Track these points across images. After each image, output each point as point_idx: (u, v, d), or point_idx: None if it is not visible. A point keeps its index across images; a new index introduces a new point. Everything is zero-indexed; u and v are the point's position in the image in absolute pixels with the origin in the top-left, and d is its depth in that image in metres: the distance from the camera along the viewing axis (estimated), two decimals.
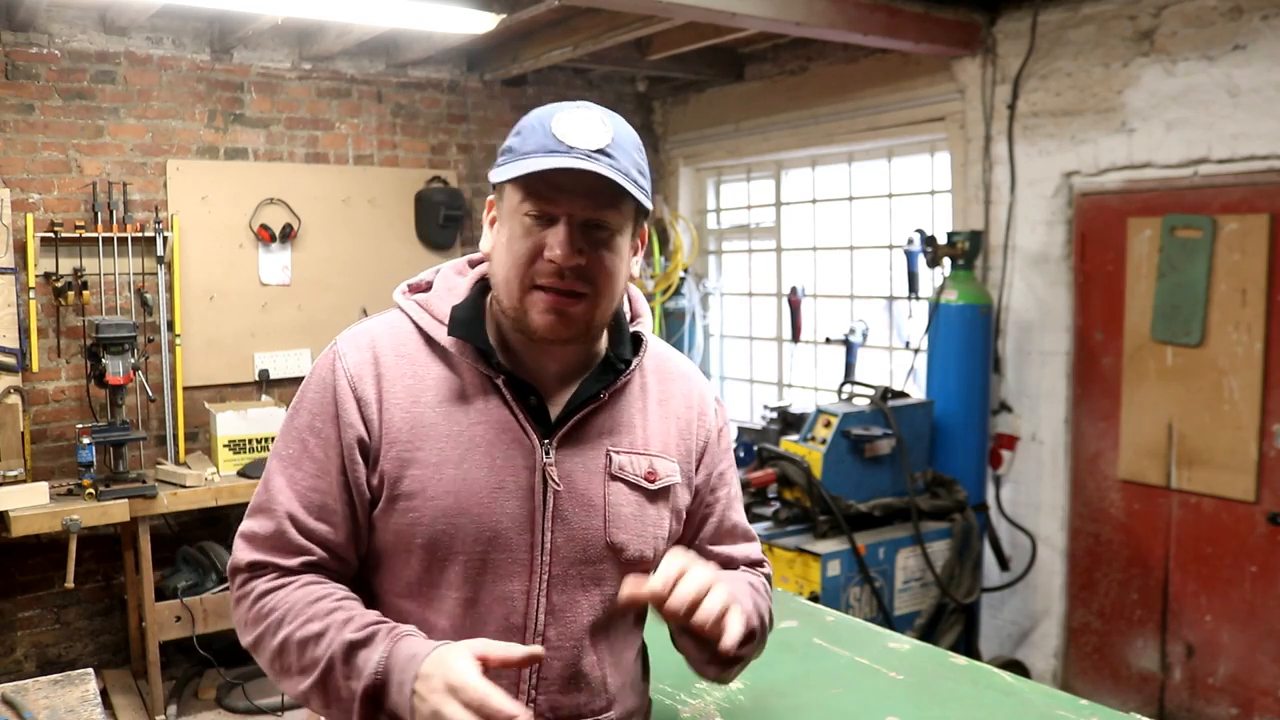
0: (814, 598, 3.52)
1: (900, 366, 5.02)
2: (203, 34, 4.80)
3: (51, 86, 4.47)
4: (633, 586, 1.19)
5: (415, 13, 3.94)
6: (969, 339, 4.14)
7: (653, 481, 1.34)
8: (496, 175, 1.24)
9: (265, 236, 4.95)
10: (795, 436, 4.01)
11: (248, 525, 1.30)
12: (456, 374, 1.29)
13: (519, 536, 1.26)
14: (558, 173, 1.18)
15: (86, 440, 4.08)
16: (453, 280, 1.36)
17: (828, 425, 3.83)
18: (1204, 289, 3.72)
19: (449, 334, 1.28)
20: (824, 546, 3.59)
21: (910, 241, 4.42)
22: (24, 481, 4.09)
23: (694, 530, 1.44)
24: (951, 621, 3.89)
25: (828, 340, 4.91)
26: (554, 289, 1.22)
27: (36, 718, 1.70)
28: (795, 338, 5.25)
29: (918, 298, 4.53)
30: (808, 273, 5.63)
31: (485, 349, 1.28)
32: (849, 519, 3.70)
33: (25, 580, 4.55)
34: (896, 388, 4.18)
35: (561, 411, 1.30)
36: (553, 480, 1.27)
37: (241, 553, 1.29)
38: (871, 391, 4.03)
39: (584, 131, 1.22)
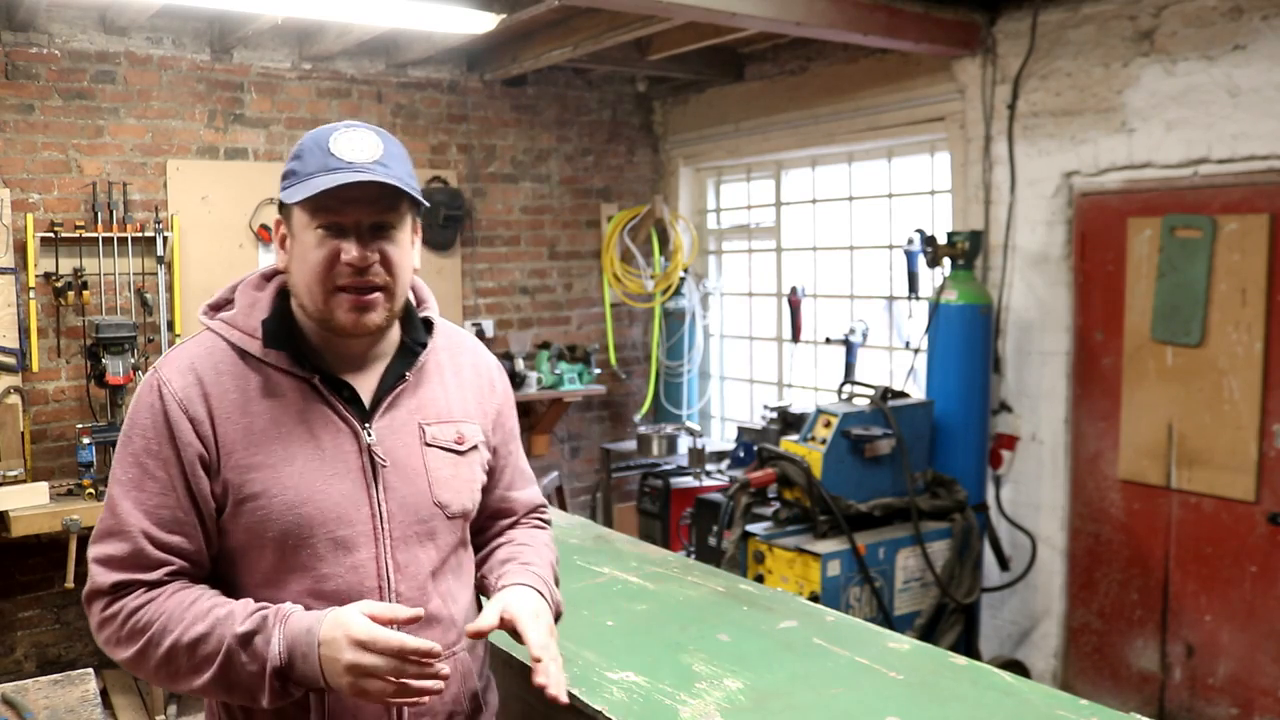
0: (814, 598, 3.52)
1: (900, 366, 5.02)
2: (203, 34, 4.80)
3: (51, 86, 4.48)
4: (473, 629, 1.42)
5: (415, 13, 3.94)
6: (969, 339, 4.14)
7: (461, 445, 1.53)
8: (290, 197, 1.37)
9: (265, 236, 4.95)
10: (795, 436, 4.01)
11: (101, 550, 1.37)
12: (274, 381, 1.42)
13: (358, 512, 1.42)
14: (343, 187, 1.33)
15: (86, 440, 4.09)
16: (253, 295, 1.48)
17: (828, 425, 3.83)
18: (1204, 289, 3.72)
19: (265, 346, 1.42)
20: (824, 546, 3.59)
21: (910, 241, 4.42)
22: (24, 481, 4.09)
23: (495, 480, 1.66)
24: (951, 621, 3.89)
25: (828, 340, 4.91)
26: (354, 288, 1.38)
27: (36, 718, 1.70)
28: (795, 338, 5.25)
29: (918, 298, 4.53)
30: (808, 273, 5.63)
31: (297, 355, 1.43)
32: (849, 519, 3.70)
33: (25, 580, 4.55)
34: (896, 388, 4.18)
35: (373, 397, 1.47)
36: (379, 458, 1.44)
37: (101, 577, 1.36)
38: (871, 391, 4.03)
39: (359, 148, 1.38)
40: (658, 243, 6.18)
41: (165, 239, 4.63)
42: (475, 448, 1.56)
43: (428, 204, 1.44)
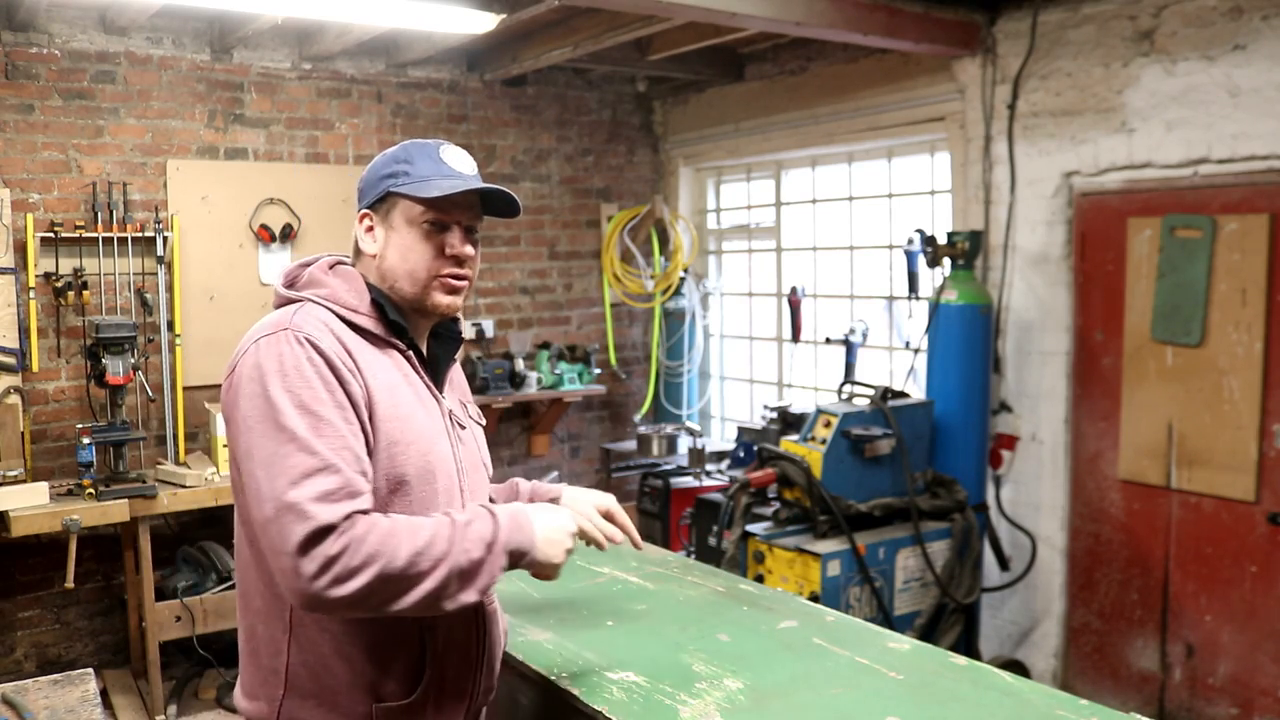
0: (814, 598, 3.52)
1: (900, 366, 5.02)
2: (203, 34, 4.80)
3: (51, 86, 4.48)
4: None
5: (415, 13, 3.94)
6: (969, 339, 4.14)
7: (481, 421, 1.86)
8: (421, 191, 1.58)
9: (265, 236, 4.95)
10: (795, 436, 4.01)
11: (311, 489, 1.40)
12: (384, 349, 1.62)
13: (450, 463, 1.66)
14: (463, 194, 1.60)
15: (86, 440, 4.08)
16: (338, 281, 1.63)
17: (828, 425, 3.83)
18: (1204, 289, 3.72)
19: (377, 316, 1.61)
20: (824, 546, 3.59)
21: (910, 241, 4.42)
22: (24, 481, 4.09)
23: None
24: (951, 621, 3.89)
25: (828, 340, 4.90)
26: (451, 276, 1.62)
27: (36, 718, 1.70)
28: (795, 338, 5.25)
29: (918, 298, 4.53)
30: (808, 273, 5.63)
31: (401, 330, 1.64)
32: (849, 519, 3.69)
33: (25, 580, 4.55)
34: (896, 388, 4.18)
35: (434, 373, 1.71)
36: (459, 421, 1.72)
37: (325, 513, 1.39)
38: (871, 391, 4.03)
39: (465, 163, 1.66)
40: (658, 243, 6.18)
41: (165, 239, 4.63)
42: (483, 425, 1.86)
43: (519, 212, 1.72)
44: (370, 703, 1.55)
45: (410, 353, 1.65)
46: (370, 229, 1.66)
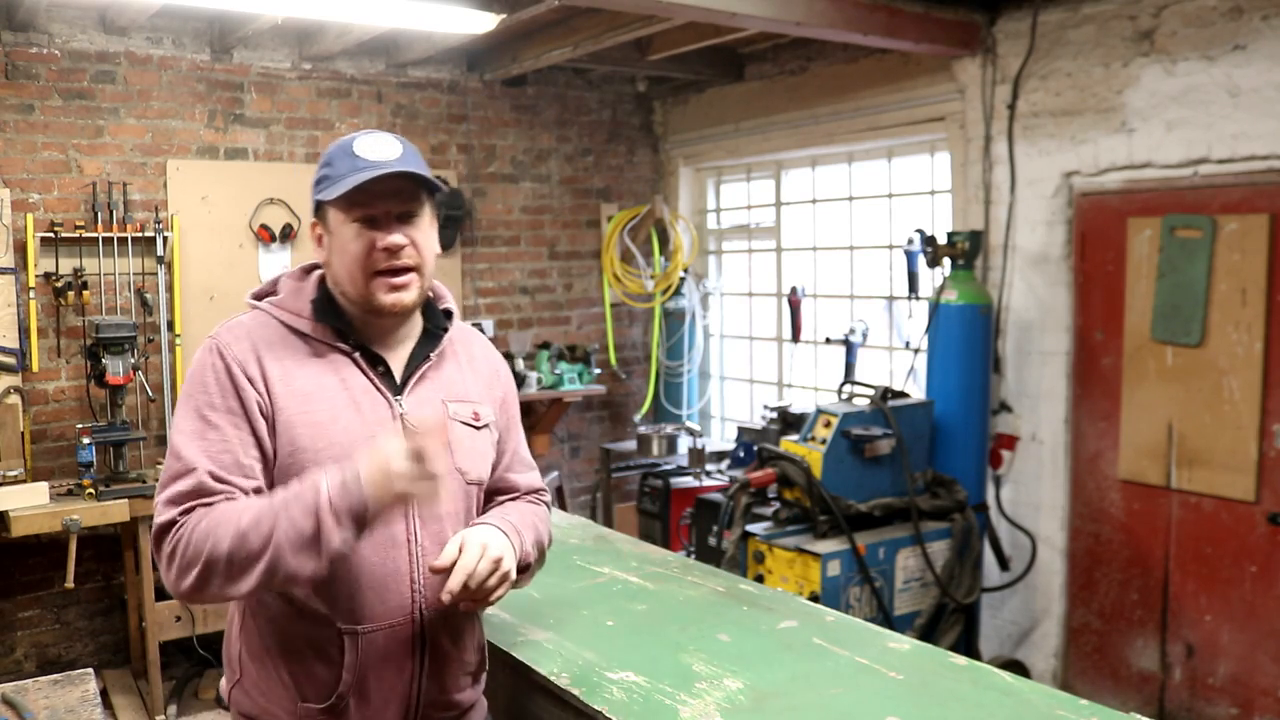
0: (814, 598, 3.52)
1: (900, 366, 5.02)
2: (203, 34, 4.80)
3: (51, 86, 4.48)
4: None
5: (415, 13, 3.94)
6: (969, 339, 4.14)
7: (478, 421, 1.73)
8: (327, 195, 1.57)
9: (265, 236, 4.96)
10: (795, 436, 4.01)
11: (169, 492, 1.50)
12: (320, 352, 1.62)
13: None
14: (371, 182, 1.53)
15: (86, 440, 4.08)
16: (296, 285, 1.68)
17: (828, 425, 3.83)
18: (1204, 289, 3.72)
19: (315, 320, 1.62)
20: (824, 546, 3.59)
21: (910, 241, 4.42)
22: (24, 481, 4.09)
23: (504, 461, 1.84)
24: (951, 621, 3.89)
25: (828, 340, 4.90)
26: (390, 270, 1.58)
27: (36, 718, 1.70)
28: (795, 338, 5.25)
29: (918, 298, 4.53)
30: (808, 273, 5.63)
31: (343, 329, 1.63)
32: (849, 519, 3.69)
33: (25, 580, 4.55)
34: (896, 388, 4.17)
35: (404, 373, 1.67)
36: (411, 425, 1.57)
37: (168, 512, 1.49)
38: (871, 391, 4.03)
39: (380, 149, 1.58)
40: (658, 243, 6.18)
41: (165, 239, 4.63)
42: (488, 426, 1.76)
43: (445, 189, 1.58)
44: (296, 701, 1.60)
45: (358, 354, 1.63)
46: (320, 238, 1.65)
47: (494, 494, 1.84)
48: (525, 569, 1.73)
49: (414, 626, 1.62)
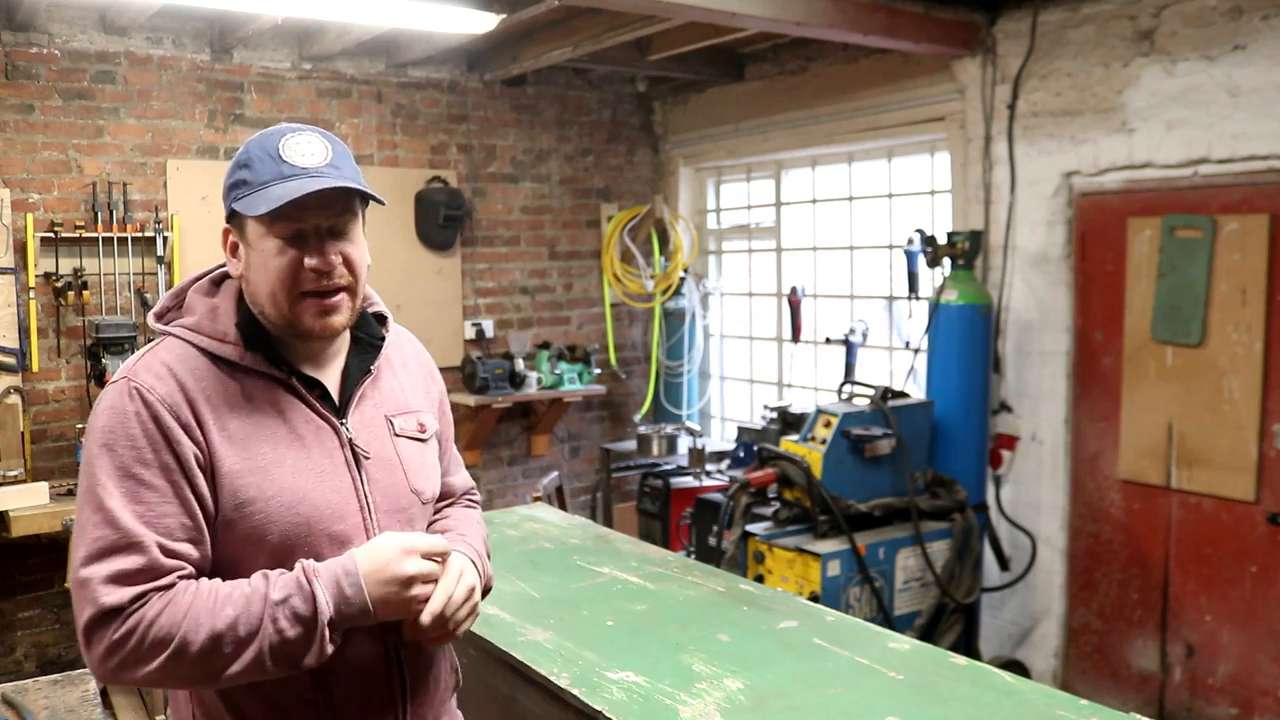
0: (814, 598, 3.52)
1: (900, 366, 5.02)
2: (203, 34, 4.80)
3: (51, 86, 4.48)
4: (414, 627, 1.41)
5: (415, 13, 3.94)
6: (969, 339, 4.14)
7: (424, 433, 1.58)
8: (251, 208, 1.35)
9: None
10: (795, 436, 4.01)
11: (108, 568, 1.28)
12: (251, 384, 1.42)
13: (349, 505, 1.44)
14: (311, 193, 1.33)
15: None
16: (209, 302, 1.46)
17: (828, 425, 3.83)
18: (1204, 289, 3.72)
19: (246, 348, 1.41)
20: (824, 546, 3.59)
21: (910, 241, 4.42)
22: (24, 481, 4.09)
23: (443, 465, 1.68)
24: (951, 621, 3.89)
25: (828, 340, 4.90)
26: (318, 292, 1.39)
27: (36, 718, 1.70)
28: (795, 338, 5.25)
29: (918, 298, 4.53)
30: (808, 273, 5.63)
31: (272, 357, 1.43)
32: (849, 519, 3.69)
33: (25, 580, 4.55)
34: (896, 388, 4.17)
35: (341, 392, 1.49)
36: (362, 451, 1.47)
37: (113, 595, 1.27)
38: (871, 391, 4.03)
39: (308, 153, 1.38)
40: (658, 243, 6.18)
41: (165, 239, 4.63)
42: (434, 434, 1.61)
43: (383, 201, 1.45)
44: None
45: (293, 380, 1.44)
46: (235, 246, 1.43)
47: (446, 499, 1.73)
48: (485, 593, 1.60)
49: (389, 664, 1.48)
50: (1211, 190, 3.72)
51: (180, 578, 1.32)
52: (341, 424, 1.46)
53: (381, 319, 1.60)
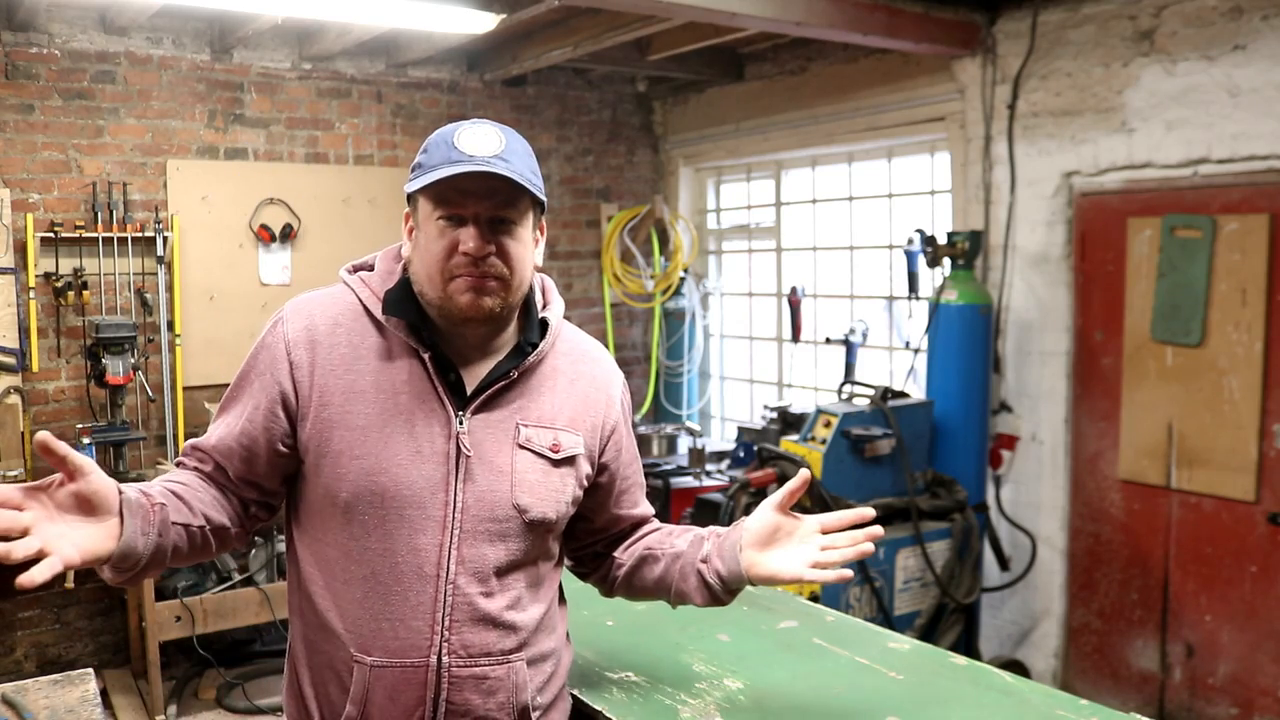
0: (814, 598, 3.52)
1: (900, 366, 5.02)
2: (203, 34, 4.80)
3: (51, 86, 4.47)
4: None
5: (415, 13, 3.94)
6: (969, 339, 4.14)
7: (557, 452, 1.50)
8: (412, 185, 1.42)
9: (265, 236, 4.95)
10: (795, 436, 4.01)
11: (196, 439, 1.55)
12: (389, 346, 1.46)
13: (433, 497, 1.43)
14: (461, 178, 1.36)
15: (86, 440, 4.08)
16: (391, 265, 1.53)
17: (828, 425, 3.83)
18: (1204, 289, 3.72)
19: (383, 312, 1.46)
20: None
21: (910, 241, 4.42)
22: (24, 481, 4.09)
23: (612, 496, 1.65)
24: (951, 621, 3.89)
25: (828, 340, 4.90)
26: (469, 274, 1.40)
27: (36, 718, 1.70)
28: (795, 338, 5.25)
29: (918, 298, 4.53)
30: (808, 273, 5.63)
31: (416, 325, 1.45)
32: None
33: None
34: (896, 388, 4.18)
35: (476, 387, 1.47)
36: (464, 447, 1.44)
37: (183, 453, 1.55)
38: (871, 391, 4.03)
39: (481, 143, 1.39)
40: (658, 243, 6.18)
41: (165, 239, 4.63)
42: (572, 459, 1.52)
43: (544, 200, 1.46)
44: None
45: (428, 356, 1.44)
46: (410, 230, 1.48)
47: (613, 532, 1.69)
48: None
49: (428, 673, 1.42)
50: (1211, 190, 3.72)
51: (196, 470, 1.50)
52: (458, 415, 1.45)
53: (545, 326, 1.54)
